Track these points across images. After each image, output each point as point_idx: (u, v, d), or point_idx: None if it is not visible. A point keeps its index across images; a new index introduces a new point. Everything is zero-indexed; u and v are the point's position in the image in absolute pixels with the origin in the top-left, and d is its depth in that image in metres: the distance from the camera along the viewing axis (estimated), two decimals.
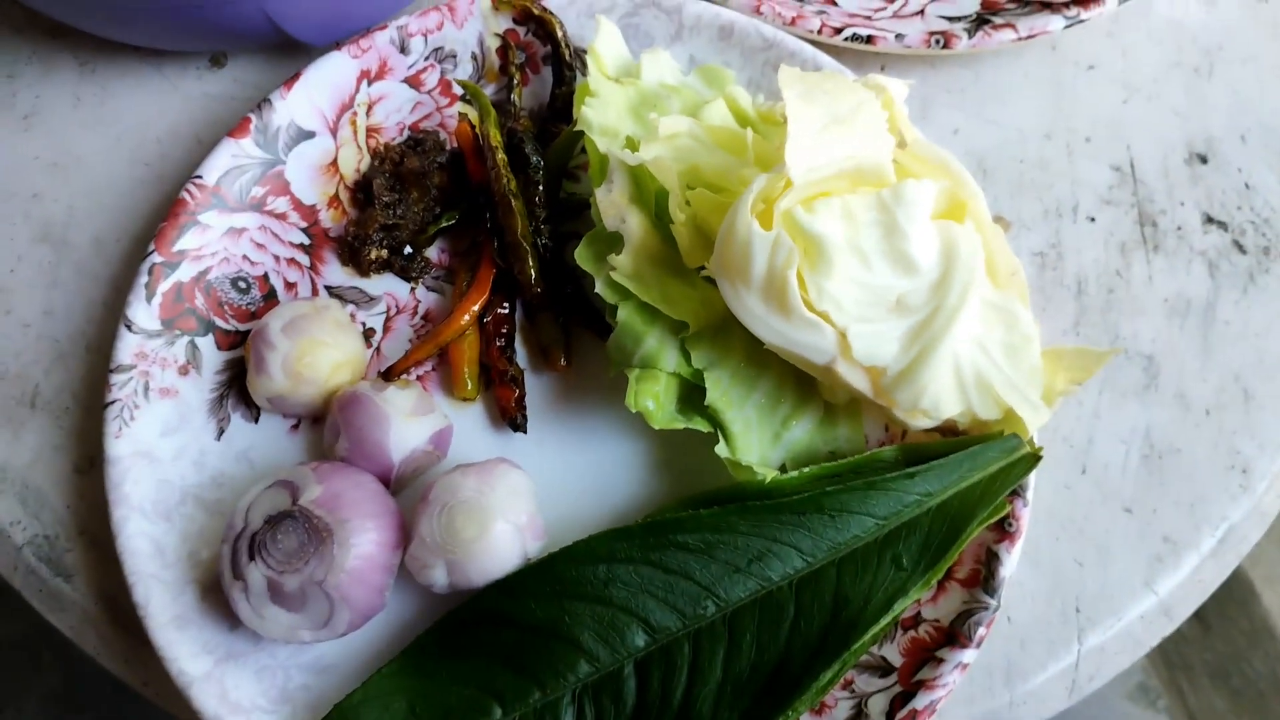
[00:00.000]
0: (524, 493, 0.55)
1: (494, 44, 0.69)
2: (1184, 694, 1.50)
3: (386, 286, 0.65)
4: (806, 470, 0.55)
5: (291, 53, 0.73)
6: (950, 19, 0.72)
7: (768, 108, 0.65)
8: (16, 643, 1.32)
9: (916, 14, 0.73)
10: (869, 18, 0.72)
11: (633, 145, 0.61)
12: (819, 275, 0.52)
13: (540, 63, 0.70)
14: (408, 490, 0.60)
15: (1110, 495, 0.62)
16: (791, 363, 0.56)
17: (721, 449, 0.56)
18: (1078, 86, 0.73)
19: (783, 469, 0.58)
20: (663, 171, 0.58)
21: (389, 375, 0.62)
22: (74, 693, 1.32)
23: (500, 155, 0.64)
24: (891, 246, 0.53)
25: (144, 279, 0.60)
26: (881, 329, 0.53)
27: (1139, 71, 0.74)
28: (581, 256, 0.59)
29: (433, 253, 0.66)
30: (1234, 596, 1.48)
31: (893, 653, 0.55)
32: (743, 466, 0.56)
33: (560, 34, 0.68)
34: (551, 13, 0.68)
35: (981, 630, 0.54)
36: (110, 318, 0.65)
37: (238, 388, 0.61)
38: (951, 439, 0.57)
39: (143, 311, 0.60)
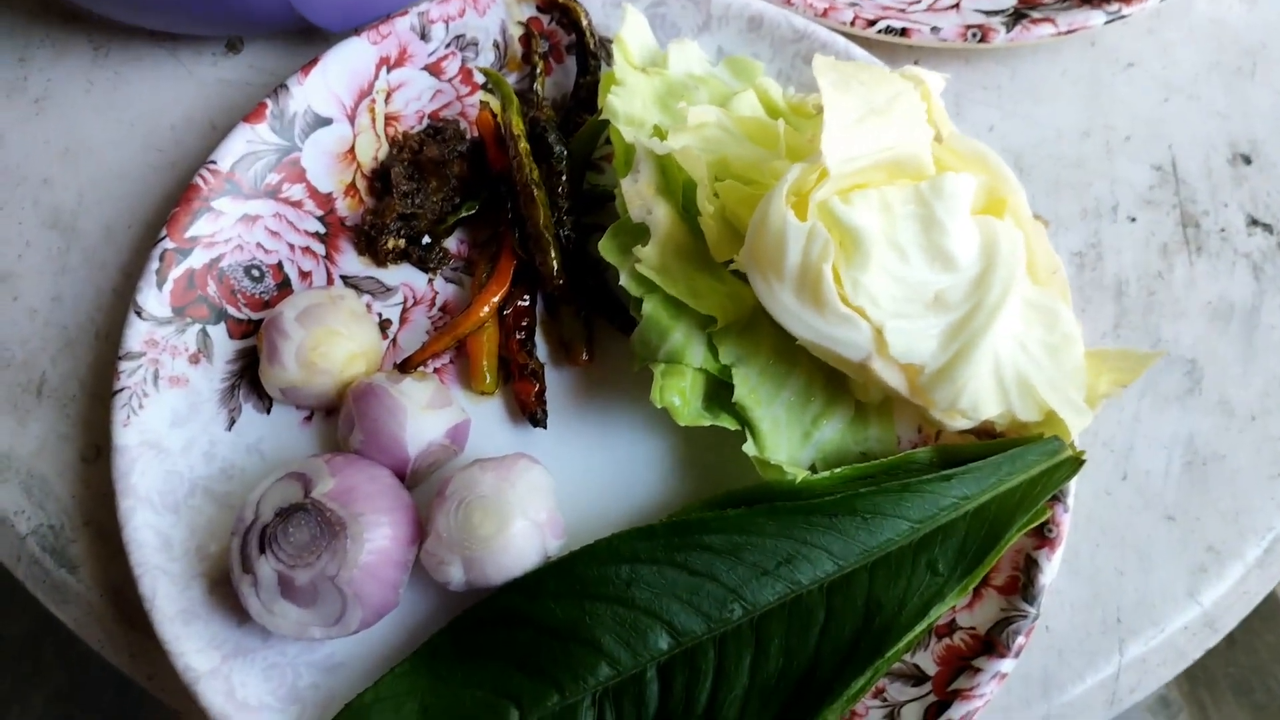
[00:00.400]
0: (544, 489, 0.53)
1: (517, 32, 0.67)
2: (1206, 708, 1.47)
3: (404, 277, 0.63)
4: (838, 471, 0.53)
5: (309, 39, 0.71)
6: (987, 13, 0.70)
7: (799, 100, 0.63)
8: (21, 641, 1.30)
9: (952, 7, 0.71)
10: (903, 10, 0.70)
11: (660, 135, 0.59)
12: (854, 269, 0.50)
13: (564, 52, 0.68)
14: (423, 485, 0.58)
15: (1152, 502, 0.60)
16: (823, 360, 0.54)
17: (749, 447, 0.54)
18: (1117, 84, 0.71)
19: (812, 469, 0.56)
20: (691, 162, 0.56)
21: (405, 367, 0.60)
22: (79, 691, 1.30)
23: (523, 144, 0.62)
24: (930, 241, 0.52)
25: (155, 265, 0.59)
26: (919, 325, 0.51)
27: (1180, 70, 0.72)
28: (605, 248, 0.57)
29: (451, 243, 0.64)
30: (1259, 609, 1.45)
31: (926, 661, 0.53)
32: (771, 466, 0.53)
33: (585, 22, 0.66)
34: (577, 0, 0.66)
35: (1020, 639, 0.52)
36: (120, 305, 0.63)
37: (249, 378, 0.59)
38: (989, 441, 0.55)
39: (153, 298, 0.58)
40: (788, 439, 0.55)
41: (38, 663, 1.30)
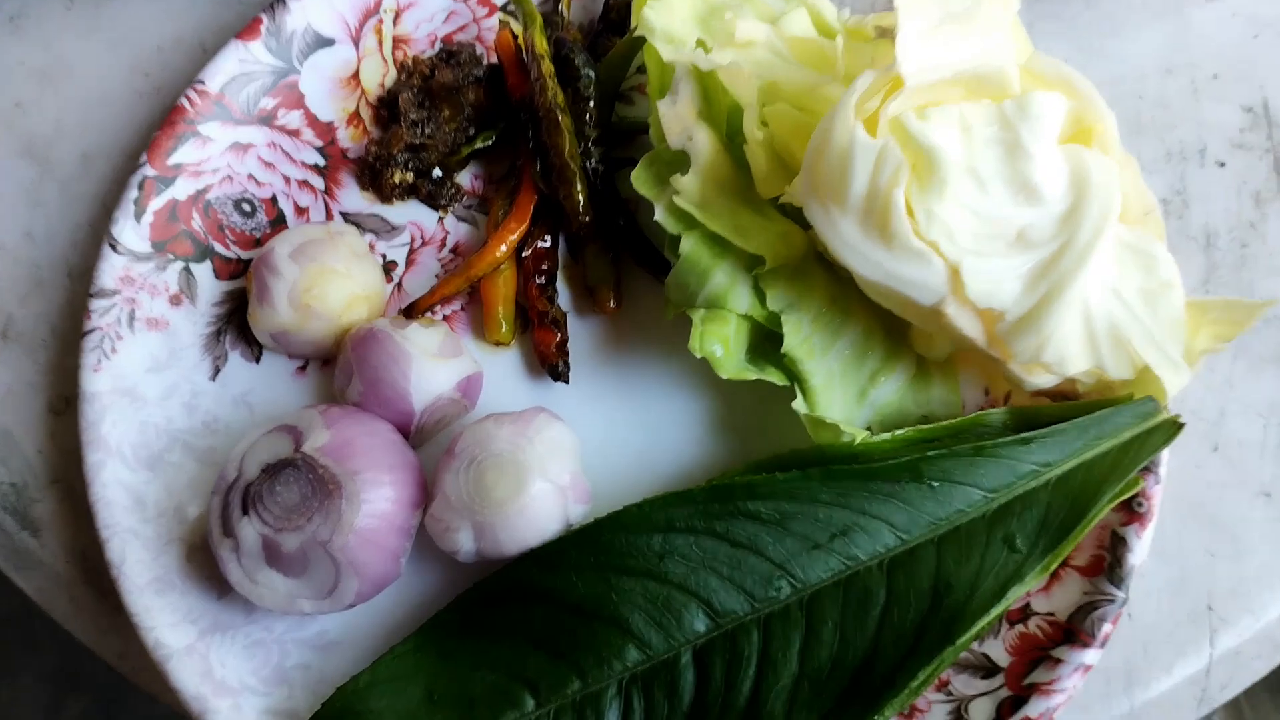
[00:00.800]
0: (567, 448, 0.46)
1: None
2: (1241, 710, 1.41)
3: (411, 215, 0.57)
4: (900, 433, 0.47)
5: None
6: None
7: (855, 22, 0.56)
8: (10, 619, 1.25)
9: None
10: None
11: (704, 50, 0.53)
12: (929, 197, 0.44)
13: None
14: (430, 444, 0.51)
15: (1246, 477, 0.53)
16: (886, 306, 0.47)
17: (799, 404, 0.47)
18: (1202, 18, 0.64)
19: (868, 433, 0.49)
20: (739, 81, 0.50)
21: (411, 312, 0.53)
22: (70, 672, 1.25)
23: (546, 64, 0.56)
24: (1013, 170, 0.45)
25: (133, 194, 0.53)
26: (1000, 266, 0.45)
27: (1269, 3, 0.65)
28: (639, 179, 0.51)
29: (465, 179, 0.58)
30: None
31: (997, 650, 0.47)
32: (825, 425, 0.47)
33: None
34: None
35: (1106, 627, 0.45)
36: (96, 242, 0.57)
37: (237, 322, 0.53)
38: (1071, 403, 0.49)
39: (130, 230, 0.52)
40: (842, 397, 0.49)
41: (30, 640, 1.25)
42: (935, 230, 0.44)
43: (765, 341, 0.50)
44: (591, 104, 0.56)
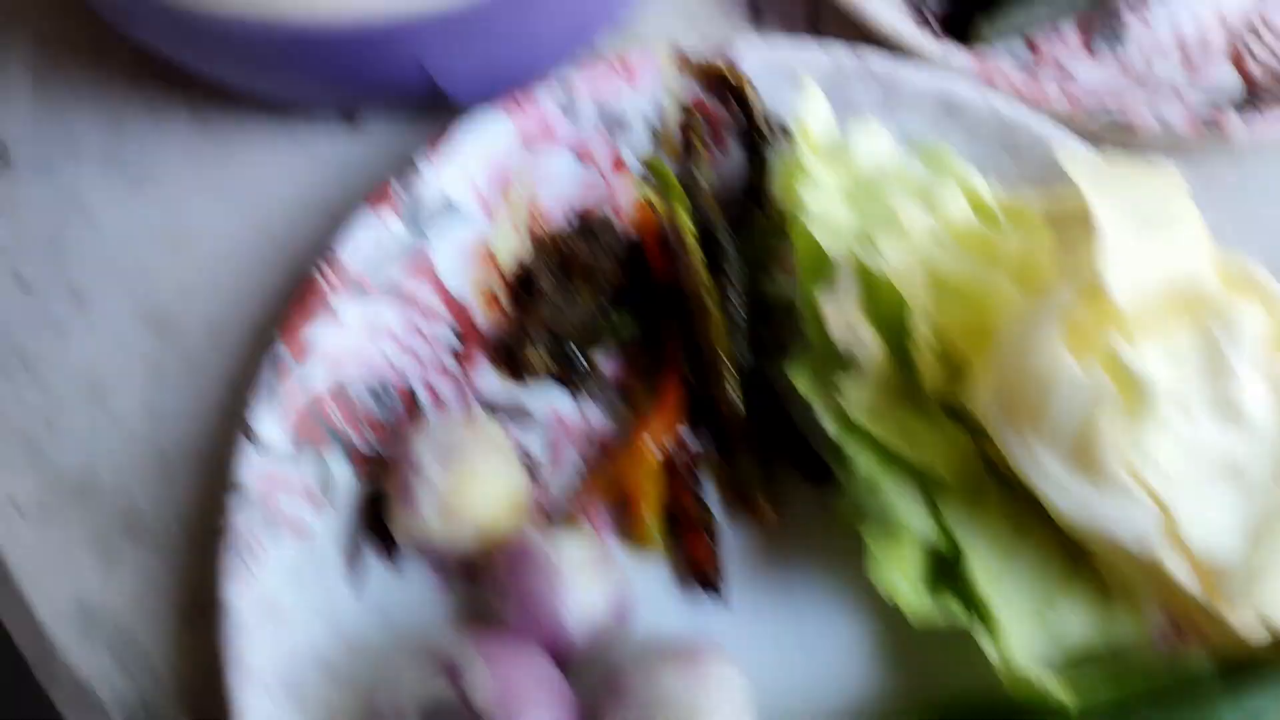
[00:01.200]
0: (741, 692, 0.43)
1: (673, 111, 0.59)
2: None
3: (549, 402, 0.54)
4: (1102, 690, 0.43)
5: (436, 111, 0.62)
6: (1213, 100, 0.60)
7: (1011, 201, 0.54)
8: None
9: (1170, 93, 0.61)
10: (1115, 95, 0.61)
11: (866, 242, 0.50)
12: (1140, 430, 0.41)
13: (725, 135, 0.59)
14: (580, 675, 0.48)
15: None
16: (1085, 543, 0.44)
17: (990, 649, 0.44)
18: None
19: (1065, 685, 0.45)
20: (910, 279, 0.47)
21: (558, 517, 0.51)
22: None
23: (694, 246, 0.54)
24: (1217, 392, 0.42)
25: (271, 381, 0.50)
26: (1214, 506, 0.41)
27: None
28: (799, 379, 0.48)
29: (603, 364, 0.55)
30: None
31: None
32: (1020, 677, 0.43)
33: (758, 106, 0.57)
34: (748, 79, 0.58)
35: None
36: (225, 424, 0.54)
37: (377, 527, 0.50)
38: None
39: (270, 423, 0.50)
40: (1024, 628, 0.45)
41: None
42: (1146, 467, 0.41)
43: (939, 566, 0.46)
44: (738, 287, 0.54)
